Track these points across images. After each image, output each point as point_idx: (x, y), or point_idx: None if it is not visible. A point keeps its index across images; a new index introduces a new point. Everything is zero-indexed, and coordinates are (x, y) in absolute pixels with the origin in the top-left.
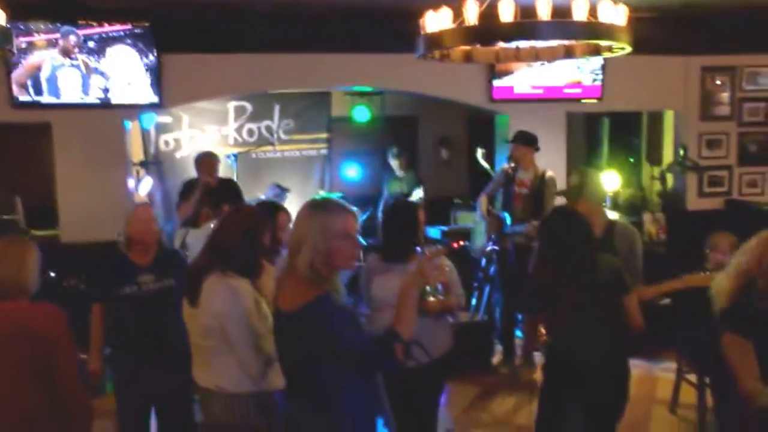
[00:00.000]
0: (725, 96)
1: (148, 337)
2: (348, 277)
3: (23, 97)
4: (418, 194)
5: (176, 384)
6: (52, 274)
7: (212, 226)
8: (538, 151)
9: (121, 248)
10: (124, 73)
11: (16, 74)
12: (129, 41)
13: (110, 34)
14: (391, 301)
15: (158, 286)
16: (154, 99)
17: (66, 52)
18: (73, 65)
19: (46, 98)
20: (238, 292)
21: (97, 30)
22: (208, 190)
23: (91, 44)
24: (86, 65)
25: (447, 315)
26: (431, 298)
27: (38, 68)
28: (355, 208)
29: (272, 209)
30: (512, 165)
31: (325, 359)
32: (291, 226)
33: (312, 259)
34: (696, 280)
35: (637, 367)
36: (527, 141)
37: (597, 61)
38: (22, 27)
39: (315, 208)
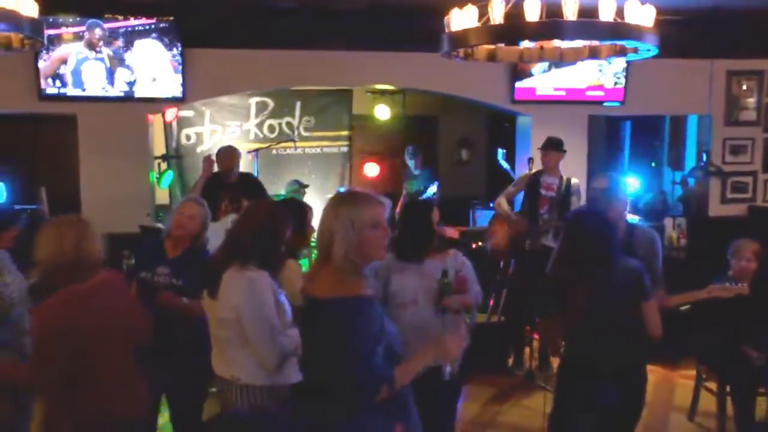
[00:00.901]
0: (751, 101)
1: (159, 327)
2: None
3: (50, 90)
4: (431, 190)
5: (186, 376)
6: None
7: (231, 219)
8: (565, 154)
9: (163, 235)
10: (148, 66)
11: (43, 66)
12: (154, 35)
13: (135, 28)
14: (407, 299)
15: (167, 282)
16: (178, 93)
17: (91, 45)
18: (97, 58)
19: (71, 90)
20: (255, 285)
21: (123, 24)
22: (228, 184)
23: (116, 38)
24: (111, 58)
25: (463, 313)
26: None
27: (63, 61)
28: (384, 199)
29: (300, 206)
30: (539, 170)
31: (327, 357)
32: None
33: (347, 250)
34: (720, 291)
35: (655, 373)
36: (558, 147)
37: (619, 64)
38: (50, 20)
39: (343, 200)
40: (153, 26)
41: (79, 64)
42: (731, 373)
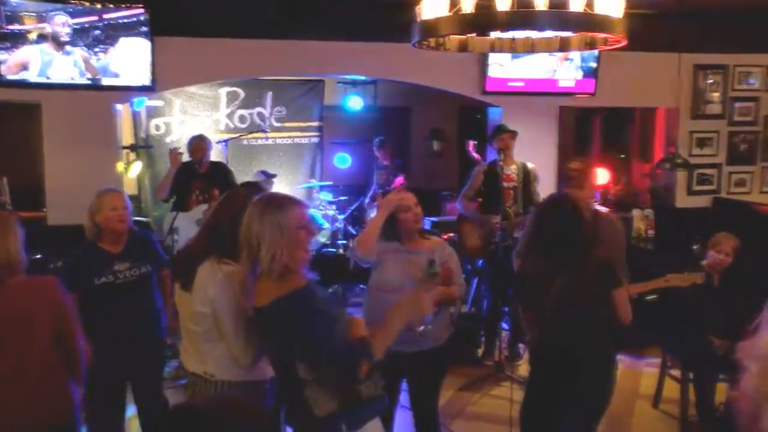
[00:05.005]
0: (716, 95)
1: (123, 322)
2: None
3: (11, 75)
4: (398, 181)
5: (149, 362)
6: (39, 256)
7: (202, 210)
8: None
9: (90, 237)
10: (116, 55)
11: (5, 67)
12: (123, 23)
13: (106, 21)
14: (392, 285)
15: (135, 273)
16: (146, 82)
17: (56, 40)
18: (65, 53)
19: (35, 78)
20: (232, 279)
21: (92, 19)
22: (199, 174)
23: (85, 28)
24: (85, 59)
25: (449, 305)
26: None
27: (25, 66)
28: (305, 201)
29: (257, 191)
30: (492, 161)
31: (298, 354)
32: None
33: (274, 253)
34: (678, 280)
35: (621, 362)
36: (512, 131)
37: (591, 56)
38: (8, 10)
39: (267, 206)
40: (123, 16)
41: (45, 68)
42: (694, 360)
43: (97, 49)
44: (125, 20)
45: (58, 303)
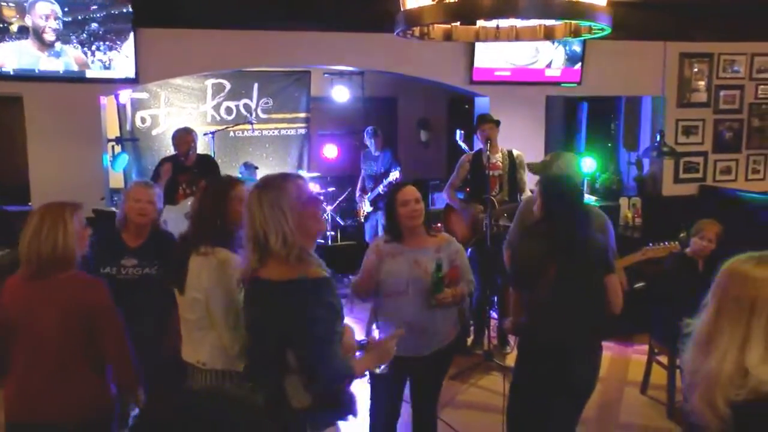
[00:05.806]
0: (702, 83)
1: (124, 319)
2: None
3: None
4: (394, 176)
5: (155, 369)
6: None
7: (189, 203)
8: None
9: (117, 225)
10: (101, 47)
11: None
12: (106, 15)
13: (93, 14)
14: (398, 289)
15: (138, 273)
16: (130, 74)
17: (38, 35)
18: (53, 54)
19: (16, 69)
20: (226, 267)
21: (77, 11)
22: (185, 167)
23: (75, 21)
24: (79, 60)
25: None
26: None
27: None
28: (301, 173)
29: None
30: (478, 150)
31: (292, 339)
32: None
33: (283, 237)
34: (654, 252)
35: (610, 349)
36: (493, 120)
37: (577, 45)
38: None
39: (263, 190)
40: (106, 9)
41: (31, 67)
42: (680, 346)
43: (94, 47)
44: (112, 12)
45: (96, 306)
